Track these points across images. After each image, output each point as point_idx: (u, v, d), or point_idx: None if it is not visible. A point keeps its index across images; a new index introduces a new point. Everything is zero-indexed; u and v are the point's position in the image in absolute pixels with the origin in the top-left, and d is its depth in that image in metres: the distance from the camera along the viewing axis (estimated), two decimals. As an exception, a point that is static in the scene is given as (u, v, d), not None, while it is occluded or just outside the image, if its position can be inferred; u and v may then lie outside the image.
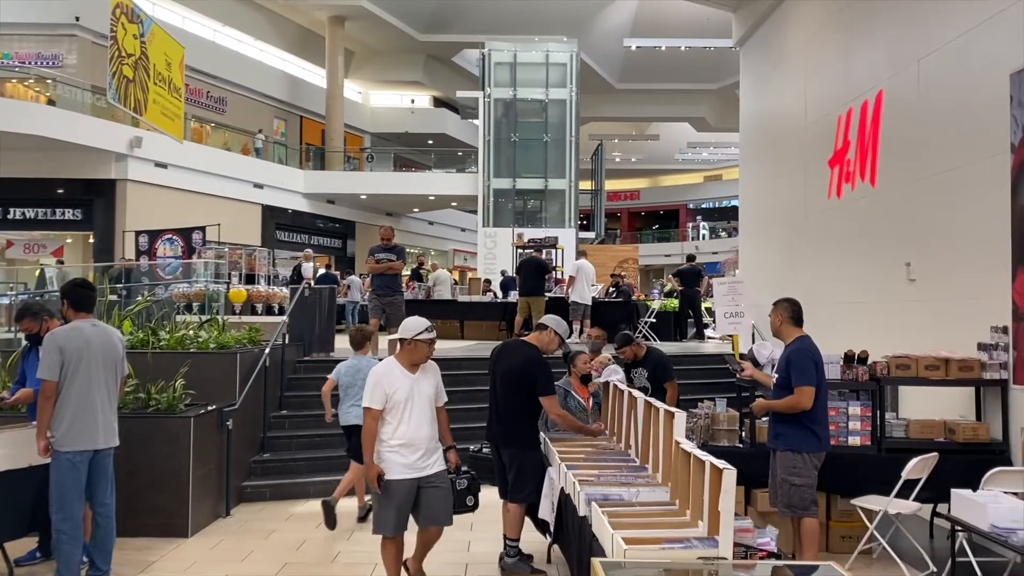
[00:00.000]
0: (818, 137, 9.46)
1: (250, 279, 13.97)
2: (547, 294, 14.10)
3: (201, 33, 28.05)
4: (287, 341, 9.22)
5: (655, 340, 14.56)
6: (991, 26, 6.29)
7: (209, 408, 6.96)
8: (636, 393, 5.07)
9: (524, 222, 29.03)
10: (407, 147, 36.45)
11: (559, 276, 16.20)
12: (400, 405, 4.65)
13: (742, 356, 6.69)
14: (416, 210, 35.06)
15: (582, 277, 14.02)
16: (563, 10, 31.79)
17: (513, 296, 15.43)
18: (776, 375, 5.09)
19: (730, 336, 8.91)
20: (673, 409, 4.29)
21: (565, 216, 29.11)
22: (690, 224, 54.72)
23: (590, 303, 14.09)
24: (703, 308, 15.85)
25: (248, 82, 29.84)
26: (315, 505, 7.27)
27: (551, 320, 5.46)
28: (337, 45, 31.43)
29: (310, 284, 10.16)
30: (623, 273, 16.00)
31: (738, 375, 5.54)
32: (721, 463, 3.09)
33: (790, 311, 5.16)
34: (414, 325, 4.84)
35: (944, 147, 6.80)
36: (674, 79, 38.98)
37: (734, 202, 57.36)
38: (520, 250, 16.58)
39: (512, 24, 31.70)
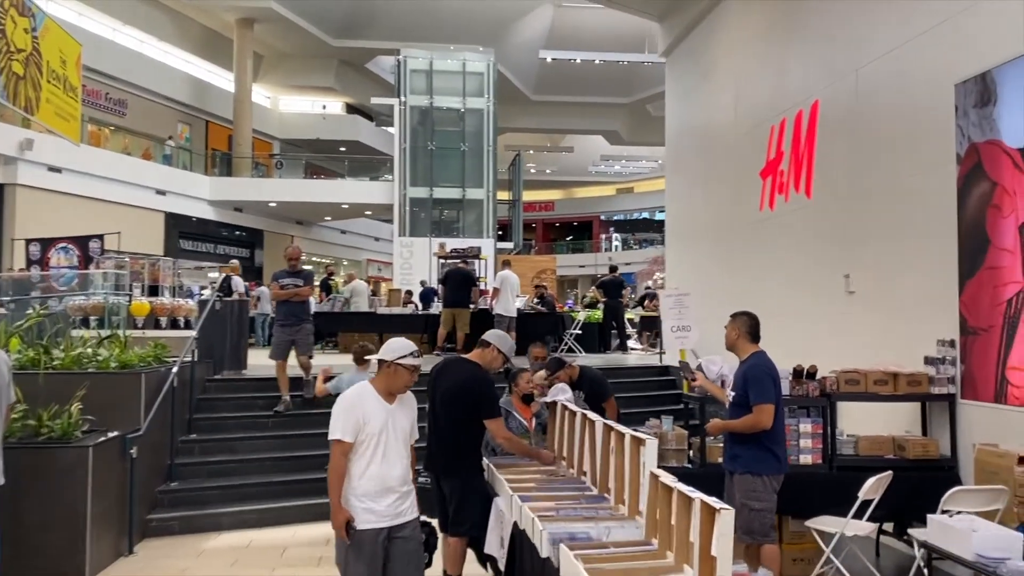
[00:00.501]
0: (749, 148, 9.34)
1: (153, 291, 13.08)
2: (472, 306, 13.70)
3: (99, 31, 26.62)
4: (196, 358, 8.52)
5: (580, 352, 14.32)
6: (934, 36, 6.21)
7: (110, 435, 6.27)
8: (592, 415, 4.69)
9: (441, 232, 28.59)
10: (318, 154, 35.48)
11: (483, 287, 15.81)
12: (373, 439, 3.93)
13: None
14: (328, 218, 34.17)
15: (507, 289, 13.66)
16: (479, 20, 31.57)
17: (436, 307, 14.95)
18: (731, 392, 4.81)
19: (646, 347, 8.74)
20: (642, 434, 3.94)
21: (483, 226, 28.80)
22: (603, 235, 55.38)
23: (515, 315, 13.74)
24: (626, 319, 15.72)
25: (150, 84, 28.45)
26: (230, 538, 6.66)
27: (494, 336, 5.05)
28: (245, 48, 30.37)
29: (219, 298, 9.44)
30: (545, 284, 15.71)
31: (689, 383, 5.24)
32: (715, 502, 2.74)
33: (748, 325, 4.89)
34: (397, 347, 4.11)
35: (885, 158, 6.71)
36: (588, 92, 39.26)
37: (645, 214, 58.55)
38: (442, 260, 16.11)
39: (427, 32, 31.27)
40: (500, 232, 31.66)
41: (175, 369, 7.47)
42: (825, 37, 7.66)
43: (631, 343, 16.01)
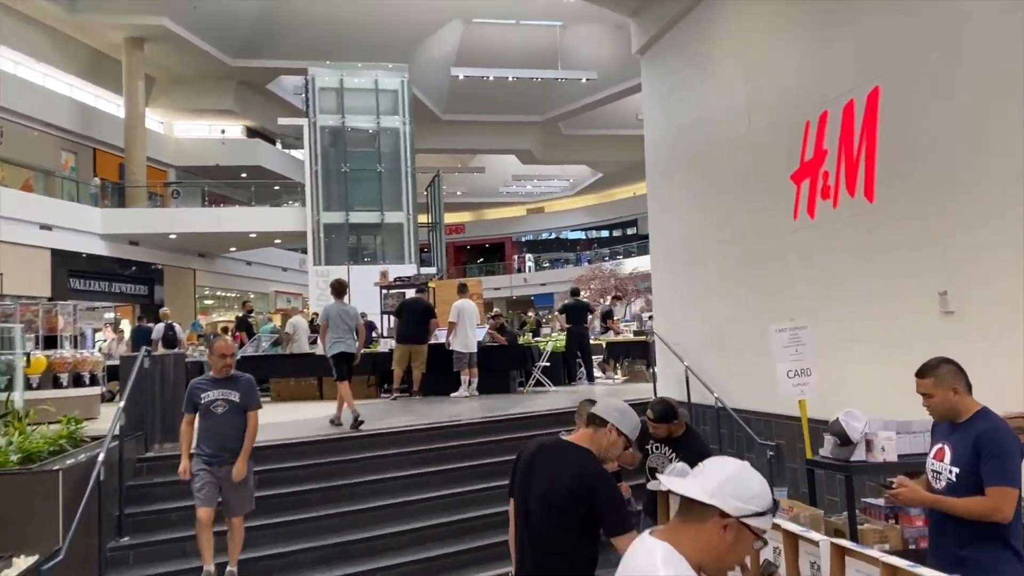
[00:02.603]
0: (768, 149, 8.18)
1: (51, 342, 10.97)
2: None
3: (-36, 52, 23.86)
4: (122, 431, 6.66)
5: (550, 387, 12.89)
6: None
7: (17, 568, 4.46)
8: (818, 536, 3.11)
9: (360, 258, 26.82)
10: (219, 180, 33.12)
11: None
12: None
13: (814, 424, 4.99)
14: (233, 249, 31.81)
15: (464, 321, 12.14)
16: (386, 37, 30.11)
17: (385, 345, 13.27)
18: (952, 467, 3.43)
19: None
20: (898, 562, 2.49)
21: (404, 251, 27.17)
22: (516, 256, 54.43)
23: (475, 350, 12.22)
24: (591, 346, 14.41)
25: (29, 110, 25.68)
26: None
27: (611, 410, 3.45)
28: (136, 70, 28.02)
29: (148, 353, 7.51)
30: (501, 312, 14.24)
31: (888, 495, 3.69)
32: None
33: (963, 375, 3.52)
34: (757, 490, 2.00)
35: (1003, 139, 5.51)
36: (501, 110, 38.32)
37: (554, 234, 57.89)
38: (385, 291, 14.43)
39: (333, 50, 29.56)
40: (426, 254, 30.11)
41: (101, 456, 5.64)
42: (889, 9, 6.49)
43: (598, 373, 14.68)
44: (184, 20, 27.11)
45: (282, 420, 10.16)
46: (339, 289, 10.19)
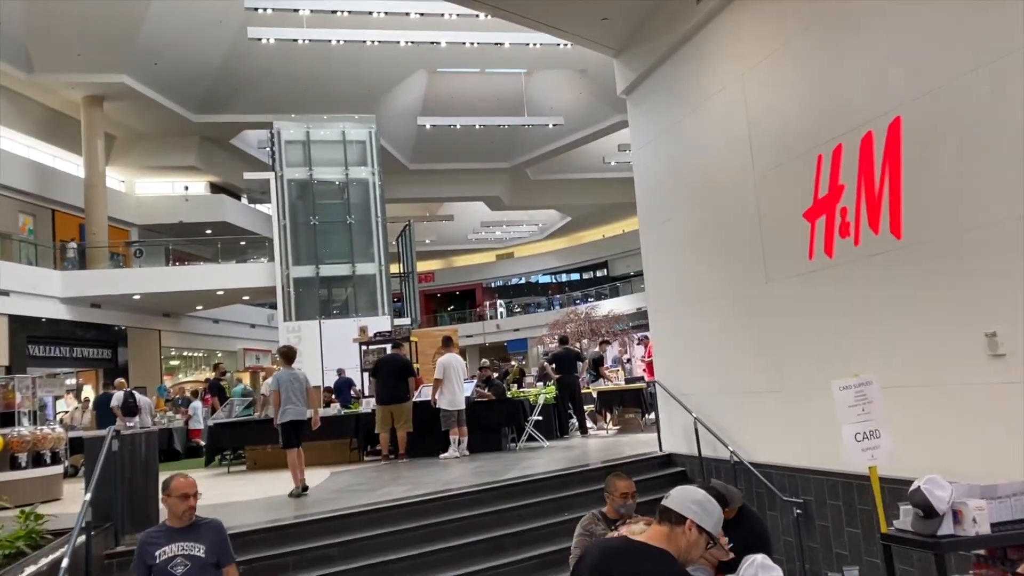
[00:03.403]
0: (775, 186, 7.77)
1: (7, 418, 10.16)
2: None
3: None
4: (88, 526, 5.92)
5: (544, 442, 12.26)
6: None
7: None
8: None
9: (332, 312, 26.15)
10: (183, 237, 32.32)
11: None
12: None
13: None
14: (199, 308, 30.91)
15: (451, 376, 11.54)
16: (351, 90, 29.80)
17: (368, 405, 12.58)
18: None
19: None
20: None
21: (377, 302, 26.53)
22: (487, 302, 53.95)
23: (463, 407, 11.59)
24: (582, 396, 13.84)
25: (-17, 172, 24.87)
26: None
27: (688, 502, 2.85)
28: (95, 129, 27.36)
29: (117, 434, 6.77)
30: (485, 361, 13.63)
31: None
32: None
33: None
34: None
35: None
36: (468, 158, 38.12)
37: (524, 279, 57.48)
38: (364, 346, 13.76)
39: (297, 103, 29.24)
40: (398, 304, 29.47)
41: (65, 561, 4.91)
42: (908, 34, 6.12)
43: (590, 425, 14.07)
44: (144, 77, 26.57)
45: (258, 497, 9.47)
46: (288, 355, 9.81)
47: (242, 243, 34.31)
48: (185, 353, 34.16)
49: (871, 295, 6.51)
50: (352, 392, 15.24)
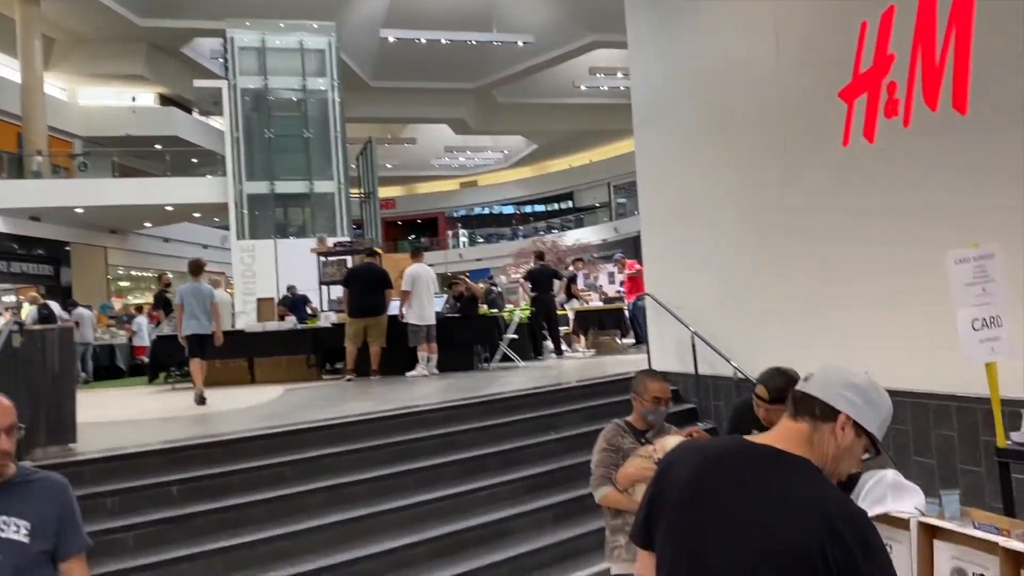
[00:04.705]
0: (804, 66, 6.82)
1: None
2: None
3: None
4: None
5: (519, 362, 11.39)
6: None
7: None
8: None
9: (288, 232, 24.87)
10: (131, 150, 30.53)
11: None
12: None
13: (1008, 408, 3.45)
14: (148, 225, 29.34)
15: (420, 289, 10.56)
16: (308, -5, 27.92)
17: (327, 320, 11.55)
18: None
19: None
20: None
21: (337, 223, 25.23)
22: (450, 232, 52.85)
23: (433, 322, 10.64)
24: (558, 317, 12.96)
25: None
26: None
27: (843, 389, 1.83)
28: (32, 28, 25.26)
29: (20, 329, 5.67)
30: (460, 278, 12.65)
31: None
32: None
33: None
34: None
35: None
36: (432, 77, 36.46)
37: (488, 209, 56.19)
38: (323, 258, 12.65)
39: (252, 8, 27.30)
40: (358, 231, 28.20)
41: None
42: None
43: (565, 347, 13.21)
44: (84, -29, 24.59)
45: (202, 412, 8.51)
46: (195, 269, 9.55)
47: (193, 160, 32.60)
48: (134, 272, 32.68)
49: (929, 180, 5.59)
50: (308, 309, 14.20)
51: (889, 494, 2.45)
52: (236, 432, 6.33)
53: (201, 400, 9.03)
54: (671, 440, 3.59)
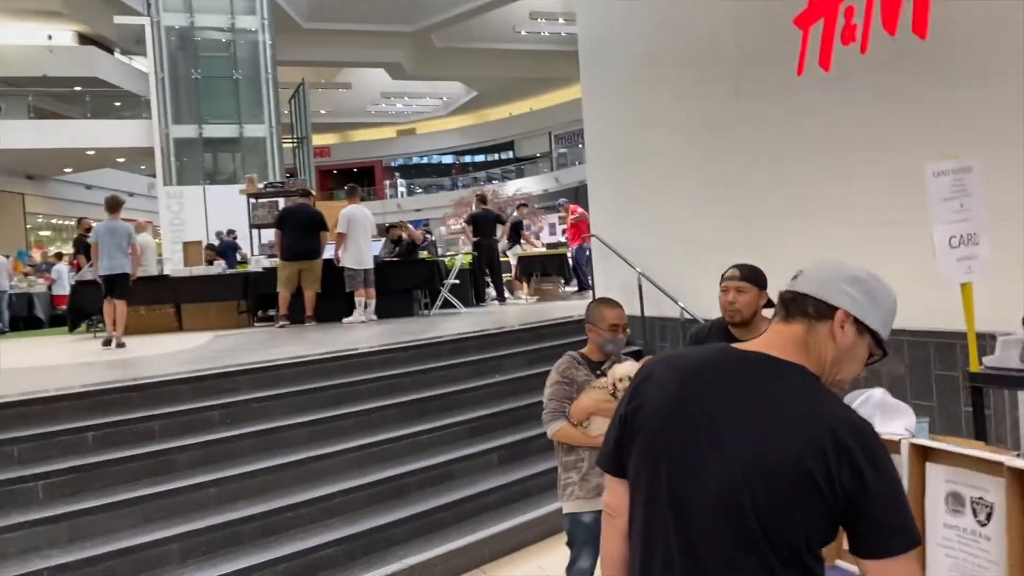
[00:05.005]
0: (754, 3, 6.51)
1: None
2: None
3: None
4: None
5: (460, 308, 11.10)
6: None
7: None
8: None
9: (218, 179, 23.98)
10: (48, 90, 28.96)
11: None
12: None
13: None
14: (68, 170, 28.01)
15: (356, 231, 10.15)
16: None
17: (257, 264, 11.05)
18: None
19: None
20: None
21: (269, 170, 24.38)
22: (387, 182, 51.92)
23: (371, 266, 10.25)
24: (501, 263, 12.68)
25: None
26: None
27: (842, 282, 1.57)
28: (-66, -45, 23.60)
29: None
30: (398, 224, 12.24)
31: None
32: None
33: None
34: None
35: None
36: (367, 19, 35.23)
37: (426, 158, 55.25)
38: (254, 199, 12.08)
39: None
40: (289, 177, 27.32)
41: None
42: None
43: (508, 294, 12.96)
44: None
45: (124, 355, 8.07)
46: (112, 206, 9.18)
47: (116, 104, 31.06)
48: (55, 221, 31.29)
49: (888, 111, 5.41)
50: (238, 255, 13.64)
51: (877, 415, 2.24)
52: (158, 375, 5.91)
53: (109, 343, 8.77)
54: (623, 367, 3.35)
